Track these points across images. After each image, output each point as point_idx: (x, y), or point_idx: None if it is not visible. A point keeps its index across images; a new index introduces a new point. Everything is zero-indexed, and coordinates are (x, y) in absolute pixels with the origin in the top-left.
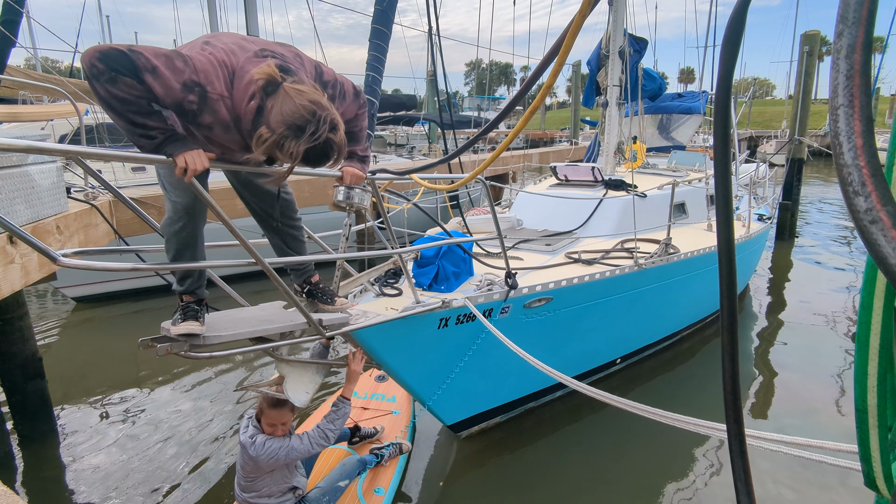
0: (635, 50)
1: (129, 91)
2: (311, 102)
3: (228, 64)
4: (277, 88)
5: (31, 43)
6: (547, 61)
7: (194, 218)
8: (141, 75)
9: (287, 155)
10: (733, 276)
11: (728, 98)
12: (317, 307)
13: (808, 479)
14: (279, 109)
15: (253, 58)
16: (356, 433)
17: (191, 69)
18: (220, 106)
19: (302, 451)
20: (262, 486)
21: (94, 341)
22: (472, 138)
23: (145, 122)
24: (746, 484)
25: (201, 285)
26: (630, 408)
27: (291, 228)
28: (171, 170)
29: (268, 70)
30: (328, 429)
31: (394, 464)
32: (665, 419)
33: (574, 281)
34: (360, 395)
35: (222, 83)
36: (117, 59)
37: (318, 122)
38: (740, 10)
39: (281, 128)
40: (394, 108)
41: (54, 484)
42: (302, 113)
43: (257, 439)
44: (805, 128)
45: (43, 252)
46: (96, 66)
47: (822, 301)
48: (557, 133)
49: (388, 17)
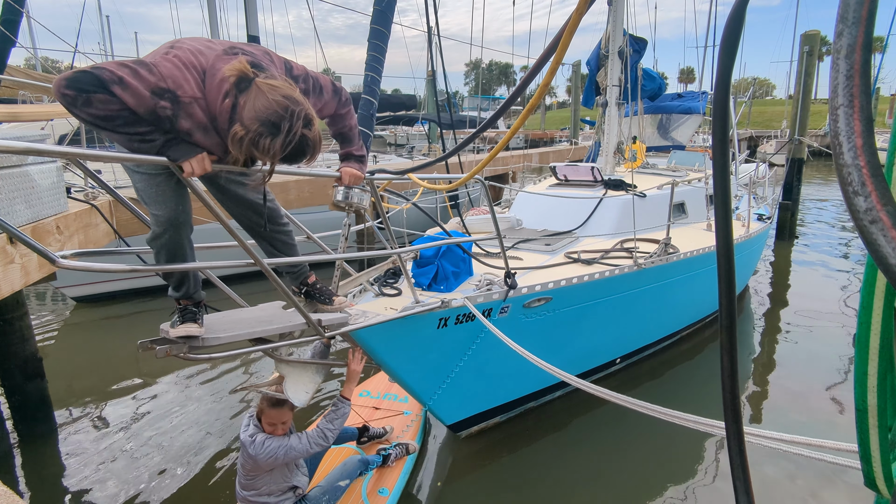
0: (635, 50)
1: (106, 107)
2: (284, 98)
3: (197, 64)
4: (250, 84)
5: (31, 43)
6: (544, 59)
7: (178, 228)
8: (109, 87)
9: (264, 153)
10: (732, 275)
11: (727, 97)
12: (315, 307)
13: (807, 478)
14: (252, 105)
15: (223, 55)
16: (364, 433)
17: (157, 76)
18: (195, 108)
19: (300, 451)
20: (262, 484)
21: (94, 341)
22: (467, 137)
23: (137, 129)
24: (745, 482)
25: (197, 289)
26: (630, 405)
27: (280, 234)
28: (149, 185)
29: (239, 66)
30: (327, 429)
31: (400, 465)
32: (665, 416)
33: (573, 281)
34: (373, 395)
35: (193, 85)
36: (83, 79)
37: (291, 117)
38: (739, 9)
39: (255, 125)
40: (393, 108)
41: (54, 484)
42: (275, 108)
43: (257, 438)
44: (805, 128)
45: (41, 254)
46: (67, 93)
47: (822, 301)
48: (557, 133)
49: (386, 17)
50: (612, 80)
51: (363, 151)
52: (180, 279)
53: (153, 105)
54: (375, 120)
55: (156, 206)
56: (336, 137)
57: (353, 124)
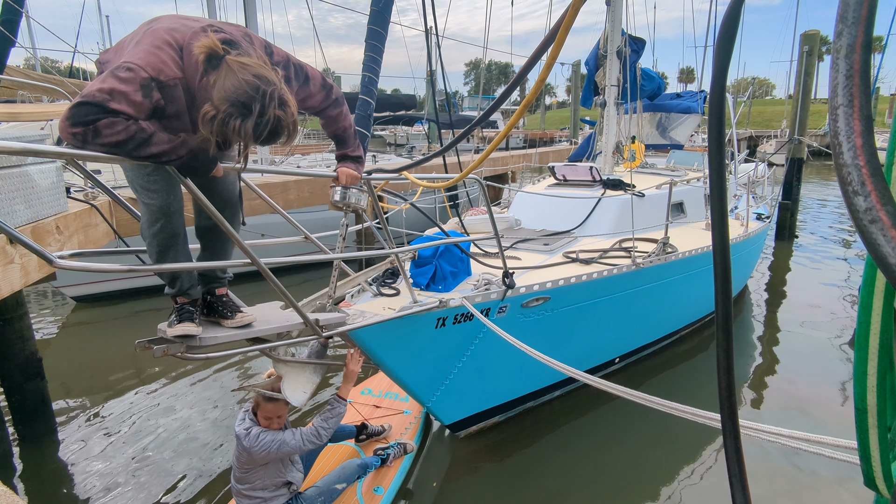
0: (633, 50)
1: (114, 131)
2: (255, 77)
3: (173, 41)
4: (220, 62)
5: (31, 43)
6: (540, 51)
7: (171, 217)
8: (107, 106)
9: (235, 134)
10: (728, 271)
11: (722, 95)
12: (217, 321)
13: (806, 478)
14: (221, 85)
15: (199, 32)
16: (363, 430)
17: (137, 69)
18: (178, 91)
19: (293, 447)
20: (256, 478)
21: (93, 341)
22: (461, 133)
23: (155, 151)
24: (741, 479)
25: (193, 285)
26: (633, 397)
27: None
28: (140, 173)
29: (208, 42)
30: (321, 427)
31: (397, 464)
32: (668, 409)
33: (572, 280)
34: (374, 393)
35: (172, 64)
36: (80, 111)
37: (263, 97)
38: (735, 7)
39: (224, 105)
40: (393, 108)
41: (53, 484)
42: (245, 89)
43: (252, 431)
44: (805, 127)
45: (39, 254)
46: (74, 131)
47: (821, 301)
48: (557, 133)
49: (384, 17)
50: (610, 80)
51: (359, 152)
52: (174, 273)
53: (149, 105)
54: (373, 120)
55: (148, 195)
56: (332, 139)
57: (347, 125)
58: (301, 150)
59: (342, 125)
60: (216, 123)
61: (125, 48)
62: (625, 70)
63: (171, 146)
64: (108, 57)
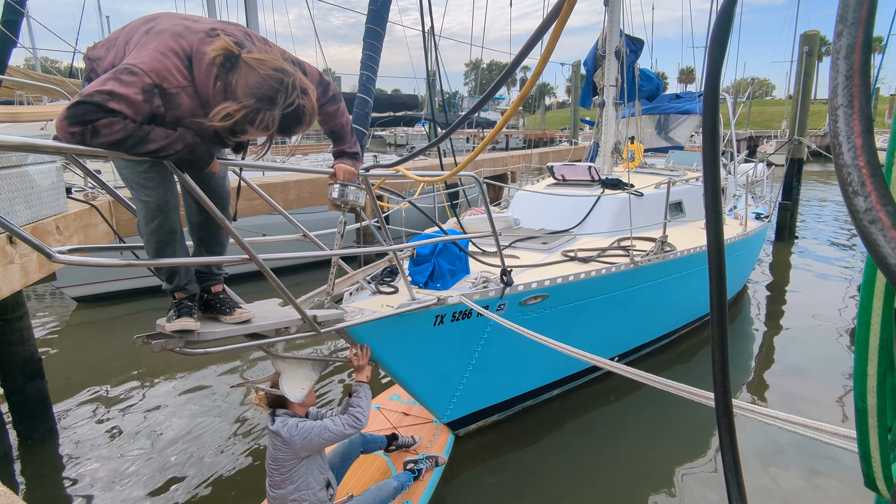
0: (631, 50)
1: (112, 130)
2: (275, 70)
3: (179, 49)
4: (237, 62)
5: (31, 43)
6: (530, 45)
7: (168, 213)
8: (106, 106)
9: (261, 127)
10: (722, 267)
11: (716, 94)
12: (216, 318)
13: (804, 478)
14: (244, 82)
15: (206, 38)
16: (393, 441)
17: (141, 74)
18: (182, 98)
19: (335, 432)
20: (299, 476)
21: (94, 341)
22: (453, 124)
23: (153, 147)
24: (736, 475)
25: (191, 280)
26: (644, 379)
27: (222, 235)
28: (136, 170)
29: (222, 44)
30: (357, 412)
31: (428, 477)
32: (667, 387)
33: (570, 278)
34: (403, 400)
35: (176, 73)
36: (79, 111)
37: (287, 88)
38: (728, 6)
39: (251, 100)
40: (395, 109)
41: (54, 484)
42: (269, 83)
43: (289, 422)
44: (805, 128)
45: (38, 248)
46: (74, 131)
47: (821, 301)
48: (557, 133)
49: (382, 17)
50: (608, 81)
51: (356, 148)
52: (172, 269)
53: (149, 110)
54: (371, 119)
55: (144, 192)
56: (329, 136)
57: (344, 122)
58: (302, 151)
59: (339, 121)
60: (238, 118)
61: (119, 45)
62: (623, 70)
63: (169, 141)
64: (99, 53)
